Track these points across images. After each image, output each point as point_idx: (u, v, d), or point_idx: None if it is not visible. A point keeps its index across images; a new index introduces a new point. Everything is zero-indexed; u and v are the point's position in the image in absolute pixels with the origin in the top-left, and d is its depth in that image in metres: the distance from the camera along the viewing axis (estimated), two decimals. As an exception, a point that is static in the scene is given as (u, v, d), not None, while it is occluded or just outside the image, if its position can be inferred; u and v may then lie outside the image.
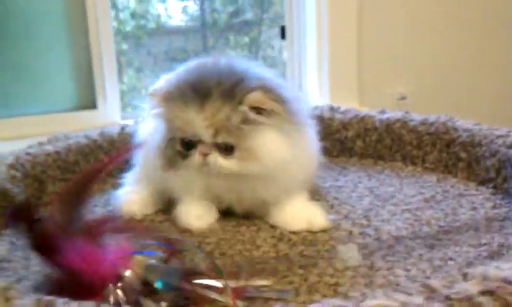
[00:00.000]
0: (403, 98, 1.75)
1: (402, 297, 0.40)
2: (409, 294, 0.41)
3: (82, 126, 1.60)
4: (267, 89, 0.73)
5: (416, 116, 0.98)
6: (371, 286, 0.59)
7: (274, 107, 0.73)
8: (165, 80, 0.78)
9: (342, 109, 1.06)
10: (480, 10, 1.74)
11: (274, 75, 0.80)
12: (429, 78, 1.74)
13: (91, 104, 1.61)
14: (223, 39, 1.85)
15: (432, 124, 0.94)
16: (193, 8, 1.83)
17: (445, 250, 0.67)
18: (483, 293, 0.40)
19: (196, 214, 0.78)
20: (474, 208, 0.79)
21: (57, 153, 0.91)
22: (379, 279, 0.61)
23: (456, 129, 0.92)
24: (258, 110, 0.72)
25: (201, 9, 1.83)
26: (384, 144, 1.00)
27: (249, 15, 1.87)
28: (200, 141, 0.73)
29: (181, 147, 0.75)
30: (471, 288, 0.41)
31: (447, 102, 1.74)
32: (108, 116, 1.61)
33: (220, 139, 0.73)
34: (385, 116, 1.01)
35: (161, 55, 1.84)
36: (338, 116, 1.05)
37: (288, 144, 0.74)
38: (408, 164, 0.98)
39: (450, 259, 0.65)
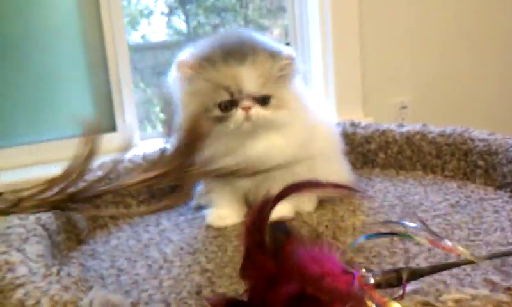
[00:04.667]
0: (404, 107, 1.86)
1: (471, 291, 0.49)
2: (476, 288, 0.49)
3: (103, 148, 1.67)
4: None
5: (434, 128, 1.07)
6: (421, 285, 0.68)
7: (300, 64, 0.89)
8: (192, 50, 0.86)
9: (363, 124, 1.14)
10: (481, 21, 1.85)
11: None
12: (428, 88, 1.85)
13: (110, 127, 1.68)
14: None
15: (450, 135, 1.03)
16: (177, 23, 1.90)
17: (479, 250, 0.76)
18: (535, 283, 0.49)
19: (219, 214, 0.90)
20: (496, 211, 0.88)
21: (109, 179, 0.98)
22: (426, 278, 0.69)
23: (472, 139, 1.01)
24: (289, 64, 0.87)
25: (186, 22, 1.91)
26: (405, 155, 1.09)
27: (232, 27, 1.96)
28: (241, 98, 0.82)
29: (219, 111, 0.83)
30: (526, 280, 0.50)
31: (444, 109, 1.85)
32: (127, 138, 1.68)
33: (265, 90, 0.83)
34: (405, 129, 1.10)
35: (148, 70, 1.91)
36: (359, 130, 1.13)
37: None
38: (428, 172, 1.07)
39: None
